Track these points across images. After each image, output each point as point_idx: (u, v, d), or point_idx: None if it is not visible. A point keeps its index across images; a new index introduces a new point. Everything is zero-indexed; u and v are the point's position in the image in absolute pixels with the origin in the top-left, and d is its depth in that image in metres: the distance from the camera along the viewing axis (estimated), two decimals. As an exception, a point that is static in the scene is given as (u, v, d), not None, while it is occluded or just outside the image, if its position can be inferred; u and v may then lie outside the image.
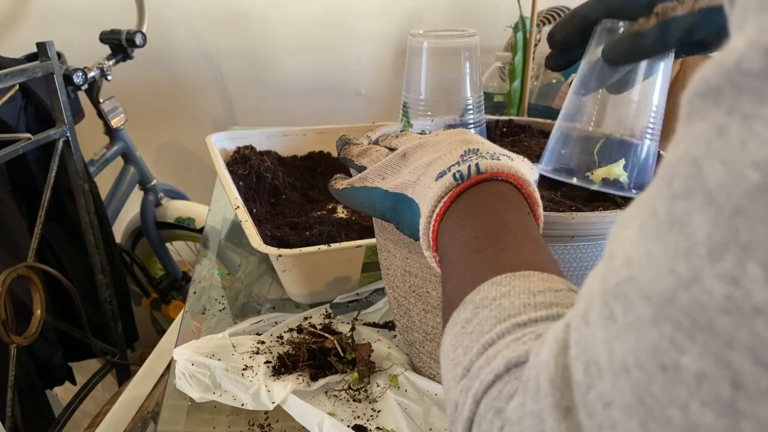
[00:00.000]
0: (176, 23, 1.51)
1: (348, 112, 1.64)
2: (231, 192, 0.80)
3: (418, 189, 0.41)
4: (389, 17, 1.55)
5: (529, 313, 0.27)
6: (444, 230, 0.37)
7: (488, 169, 0.37)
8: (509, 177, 0.38)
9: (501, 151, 0.40)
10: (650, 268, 0.16)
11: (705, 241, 0.14)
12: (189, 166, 1.70)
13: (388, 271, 0.59)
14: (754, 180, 0.13)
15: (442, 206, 0.38)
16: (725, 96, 0.15)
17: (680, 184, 0.16)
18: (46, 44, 1.02)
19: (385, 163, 0.45)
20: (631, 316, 0.17)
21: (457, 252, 0.35)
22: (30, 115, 1.12)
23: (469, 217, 0.36)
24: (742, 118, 0.14)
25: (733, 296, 0.14)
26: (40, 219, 1.04)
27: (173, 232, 1.52)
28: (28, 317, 0.99)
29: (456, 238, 0.36)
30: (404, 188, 0.43)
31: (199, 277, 0.81)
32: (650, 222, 0.17)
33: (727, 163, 0.14)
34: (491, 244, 0.33)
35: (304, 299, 0.73)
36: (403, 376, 0.60)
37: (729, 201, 0.14)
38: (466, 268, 0.33)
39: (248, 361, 0.61)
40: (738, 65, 0.14)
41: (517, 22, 1.08)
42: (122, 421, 0.92)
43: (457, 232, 0.36)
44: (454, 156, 0.40)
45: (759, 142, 0.14)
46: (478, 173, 0.37)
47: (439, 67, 0.64)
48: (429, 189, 0.39)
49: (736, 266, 0.14)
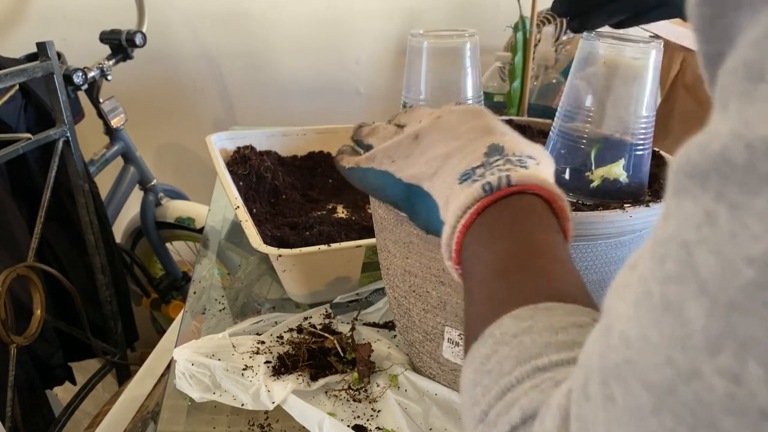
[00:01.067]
0: (176, 23, 1.51)
1: (348, 112, 1.64)
2: (231, 192, 0.80)
3: (437, 183, 0.39)
4: (389, 17, 1.55)
5: (550, 355, 0.26)
6: (468, 244, 0.36)
7: (519, 182, 0.35)
8: (540, 191, 0.36)
9: (526, 151, 0.38)
10: (648, 353, 0.16)
11: (701, 332, 0.14)
12: (189, 166, 1.70)
13: (388, 271, 0.59)
14: (749, 276, 0.13)
15: (468, 218, 0.36)
16: (712, 182, 0.15)
17: (673, 268, 0.16)
18: (46, 44, 1.02)
19: (395, 143, 0.43)
20: (632, 402, 0.17)
21: (481, 272, 0.34)
22: (30, 115, 1.12)
23: (495, 235, 0.35)
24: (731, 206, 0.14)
25: (736, 396, 0.13)
26: (40, 219, 1.04)
27: (173, 232, 1.52)
28: (28, 317, 0.99)
29: (481, 256, 0.34)
30: (420, 180, 0.41)
31: (199, 277, 0.81)
32: (645, 302, 0.17)
33: (719, 254, 0.14)
34: (517, 269, 0.32)
35: (304, 299, 0.73)
36: (403, 376, 0.60)
37: (723, 294, 0.14)
38: (489, 294, 0.32)
39: (248, 361, 0.61)
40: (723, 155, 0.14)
41: (517, 22, 1.08)
42: (122, 421, 0.92)
43: (483, 251, 0.34)
44: (478, 153, 0.38)
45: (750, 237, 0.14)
46: (508, 185, 0.35)
47: (439, 67, 0.64)
48: (451, 192, 0.37)
49: (736, 363, 0.13)
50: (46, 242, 1.15)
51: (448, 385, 0.58)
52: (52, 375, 1.13)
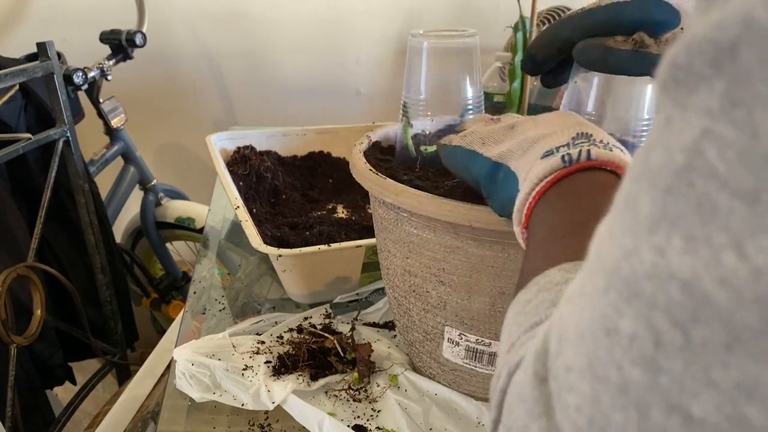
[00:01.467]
0: (176, 23, 1.51)
1: (348, 112, 1.64)
2: (231, 192, 0.80)
3: (522, 163, 0.40)
4: (389, 17, 1.55)
5: None
6: (538, 211, 0.37)
7: (599, 157, 0.36)
8: (618, 169, 0.36)
9: (614, 143, 0.39)
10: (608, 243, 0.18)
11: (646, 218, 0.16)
12: (189, 166, 1.70)
13: (388, 271, 0.59)
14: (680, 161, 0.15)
15: (544, 185, 0.37)
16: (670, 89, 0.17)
17: (636, 169, 0.18)
18: (46, 44, 1.02)
19: (490, 130, 0.44)
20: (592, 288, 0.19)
21: (543, 235, 0.35)
22: (30, 115, 1.12)
23: (566, 203, 0.35)
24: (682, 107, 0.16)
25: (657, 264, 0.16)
26: (40, 219, 1.04)
27: (173, 232, 1.52)
28: (28, 317, 0.99)
29: (547, 220, 0.35)
30: (508, 159, 0.41)
31: (199, 277, 0.81)
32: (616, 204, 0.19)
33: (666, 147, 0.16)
34: (577, 232, 0.33)
35: (304, 299, 0.73)
36: (403, 376, 0.60)
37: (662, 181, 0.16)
38: (546, 253, 0.33)
39: (248, 361, 0.61)
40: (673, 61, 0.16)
41: (517, 22, 1.08)
42: (122, 421, 0.92)
43: (550, 215, 0.35)
44: (565, 136, 0.39)
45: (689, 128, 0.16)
46: (588, 159, 0.36)
47: (439, 67, 0.63)
48: (533, 165, 0.38)
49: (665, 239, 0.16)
50: (46, 242, 1.15)
51: (448, 385, 0.58)
52: (52, 375, 1.13)
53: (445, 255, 0.50)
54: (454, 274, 0.51)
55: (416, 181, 0.55)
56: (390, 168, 0.62)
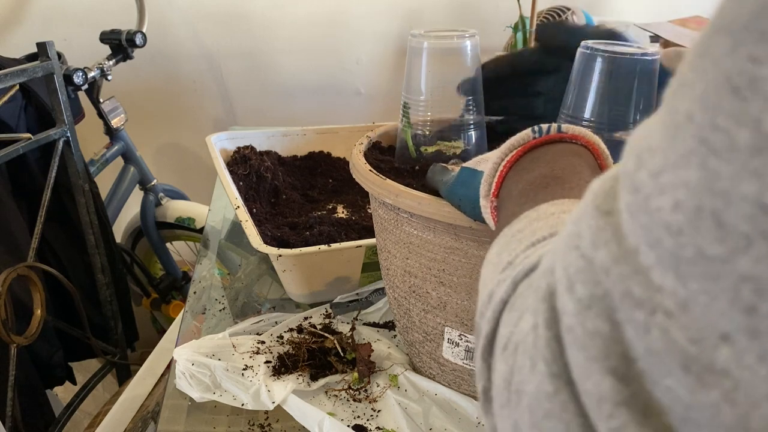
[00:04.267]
0: (176, 23, 1.51)
1: (348, 112, 1.64)
2: (231, 192, 0.80)
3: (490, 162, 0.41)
4: (389, 17, 1.55)
5: None
6: (511, 175, 0.37)
7: (569, 130, 0.37)
8: (588, 144, 0.37)
9: None
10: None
11: None
12: (189, 166, 1.70)
13: (388, 271, 0.59)
14: None
15: (515, 154, 0.37)
16: None
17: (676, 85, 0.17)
18: (46, 44, 1.02)
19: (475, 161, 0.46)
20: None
21: (521, 188, 0.35)
22: (30, 115, 1.12)
23: (539, 163, 0.36)
24: None
25: None
26: (40, 219, 1.04)
27: (173, 232, 1.52)
28: (28, 317, 0.99)
29: (522, 178, 0.36)
30: (477, 164, 0.43)
31: (200, 277, 0.81)
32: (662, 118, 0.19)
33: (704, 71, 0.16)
34: (558, 183, 0.33)
35: (304, 299, 0.73)
36: (403, 376, 0.60)
37: None
38: (527, 199, 0.33)
39: (248, 361, 0.61)
40: None
41: (517, 22, 1.08)
42: (122, 421, 0.92)
43: (526, 175, 0.36)
44: None
45: None
46: (558, 132, 0.37)
47: (439, 67, 0.64)
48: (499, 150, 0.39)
49: None
50: (47, 242, 1.15)
51: (448, 385, 0.59)
52: (52, 375, 1.13)
53: (445, 256, 0.51)
54: (454, 275, 0.51)
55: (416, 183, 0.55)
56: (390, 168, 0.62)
